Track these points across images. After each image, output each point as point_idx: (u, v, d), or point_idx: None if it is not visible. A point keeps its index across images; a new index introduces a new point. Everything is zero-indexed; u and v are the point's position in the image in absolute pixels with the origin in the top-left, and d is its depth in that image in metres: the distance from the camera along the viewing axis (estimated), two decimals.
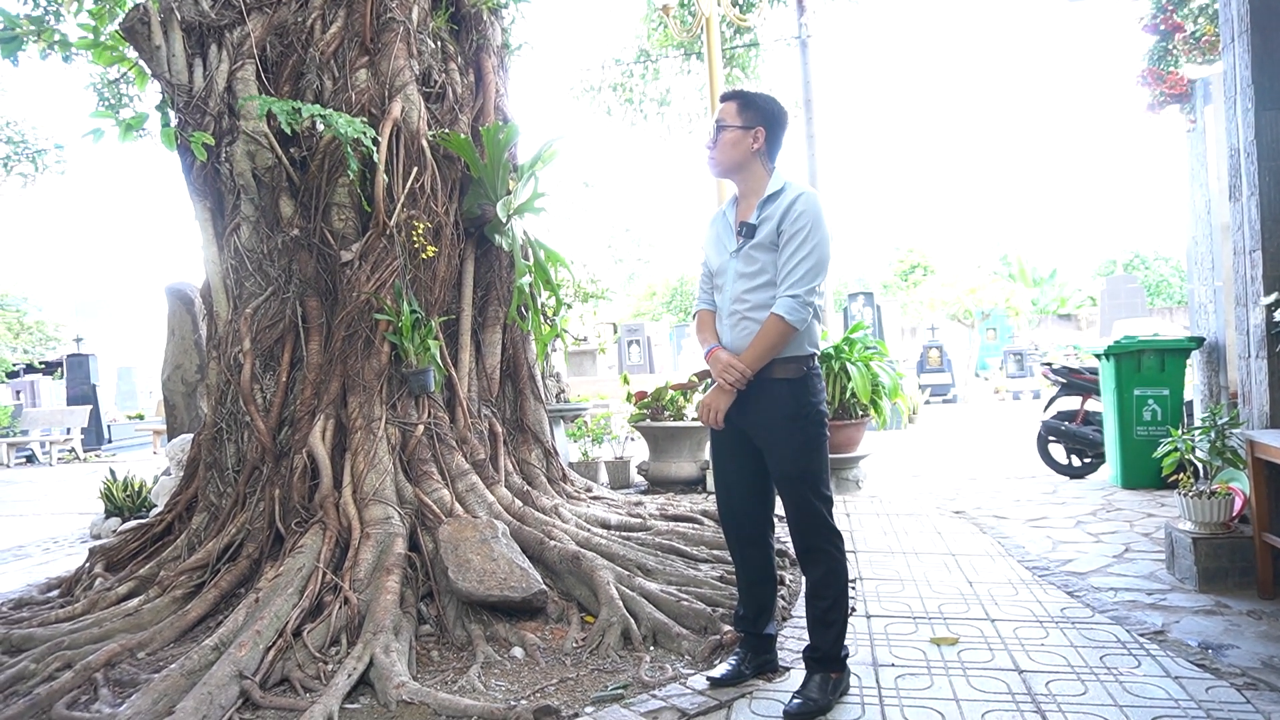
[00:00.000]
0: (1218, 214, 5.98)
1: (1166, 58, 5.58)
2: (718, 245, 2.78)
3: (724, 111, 2.68)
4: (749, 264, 2.65)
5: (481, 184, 4.75)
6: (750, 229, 2.64)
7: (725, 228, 2.78)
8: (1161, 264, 33.53)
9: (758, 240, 2.63)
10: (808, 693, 2.59)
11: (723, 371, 2.59)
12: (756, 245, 2.63)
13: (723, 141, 2.66)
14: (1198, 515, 3.78)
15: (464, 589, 3.39)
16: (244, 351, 4.23)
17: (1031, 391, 17.62)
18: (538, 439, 5.03)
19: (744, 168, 2.70)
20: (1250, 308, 3.80)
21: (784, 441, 2.62)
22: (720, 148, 2.67)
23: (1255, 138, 3.68)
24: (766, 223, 2.63)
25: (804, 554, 2.68)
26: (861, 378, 6.27)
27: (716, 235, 2.81)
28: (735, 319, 2.68)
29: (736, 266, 2.68)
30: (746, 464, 2.77)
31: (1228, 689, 2.63)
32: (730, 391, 2.61)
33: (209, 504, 4.24)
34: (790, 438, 2.61)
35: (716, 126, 2.68)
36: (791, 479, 2.62)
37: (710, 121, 2.77)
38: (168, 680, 2.75)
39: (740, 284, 2.67)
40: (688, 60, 12.81)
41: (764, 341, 2.57)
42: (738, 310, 2.67)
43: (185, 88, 4.35)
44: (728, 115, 2.67)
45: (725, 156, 2.68)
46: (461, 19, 5.13)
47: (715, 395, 2.63)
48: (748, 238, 2.64)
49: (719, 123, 2.68)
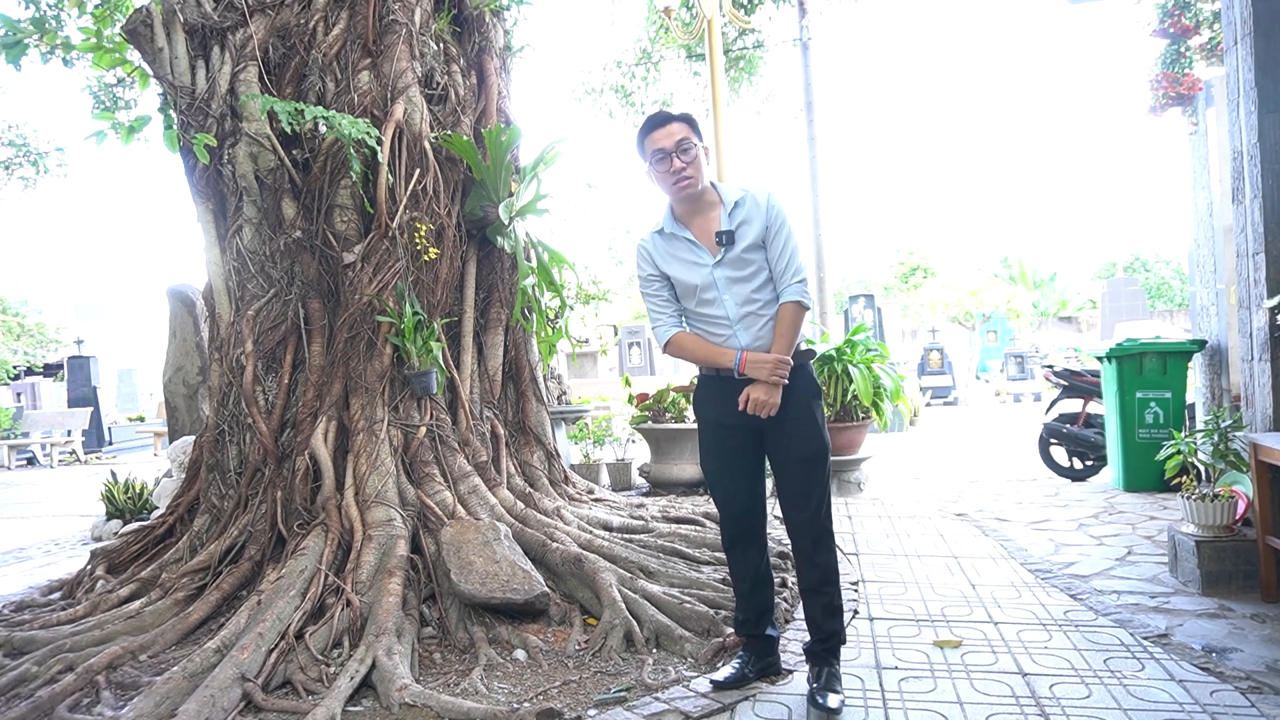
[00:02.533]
0: (1220, 216, 5.97)
1: (1180, 60, 5.59)
2: (687, 264, 2.78)
3: (681, 131, 2.72)
4: (742, 268, 2.73)
5: (484, 186, 4.75)
6: (729, 236, 2.72)
7: (686, 245, 2.79)
8: (1162, 266, 33.54)
9: (746, 244, 2.71)
10: (834, 685, 2.64)
11: (776, 368, 2.65)
12: (745, 249, 2.72)
13: (695, 158, 2.73)
14: (1201, 518, 3.77)
15: (466, 591, 3.39)
16: (246, 353, 4.23)
17: (1033, 394, 17.63)
18: (540, 441, 5.02)
19: (703, 182, 2.78)
20: (1253, 310, 3.79)
21: (809, 420, 2.73)
22: (695, 164, 2.73)
23: (1258, 140, 3.67)
24: (745, 226, 2.73)
25: (816, 541, 2.73)
26: (863, 380, 6.26)
27: (678, 255, 2.81)
28: (750, 320, 2.74)
29: (726, 274, 2.74)
30: (748, 462, 2.83)
31: (1232, 692, 2.62)
32: (780, 384, 2.68)
33: (211, 506, 4.24)
34: (813, 415, 2.75)
35: (680, 148, 2.71)
36: (814, 458, 2.72)
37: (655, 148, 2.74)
38: (170, 683, 2.74)
39: (741, 288, 2.73)
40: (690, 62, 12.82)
41: (793, 330, 2.70)
42: (751, 311, 2.74)
43: (188, 89, 4.35)
44: (687, 134, 2.73)
45: (699, 171, 2.75)
46: (464, 21, 5.14)
47: (768, 391, 2.66)
48: (729, 245, 2.72)
49: (682, 142, 2.71)
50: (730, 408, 2.73)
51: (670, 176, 2.72)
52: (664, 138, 2.71)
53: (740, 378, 2.71)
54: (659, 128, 2.74)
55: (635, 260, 2.91)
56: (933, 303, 29.60)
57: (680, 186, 2.73)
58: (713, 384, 2.82)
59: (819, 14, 13.35)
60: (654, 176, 2.80)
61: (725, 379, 2.76)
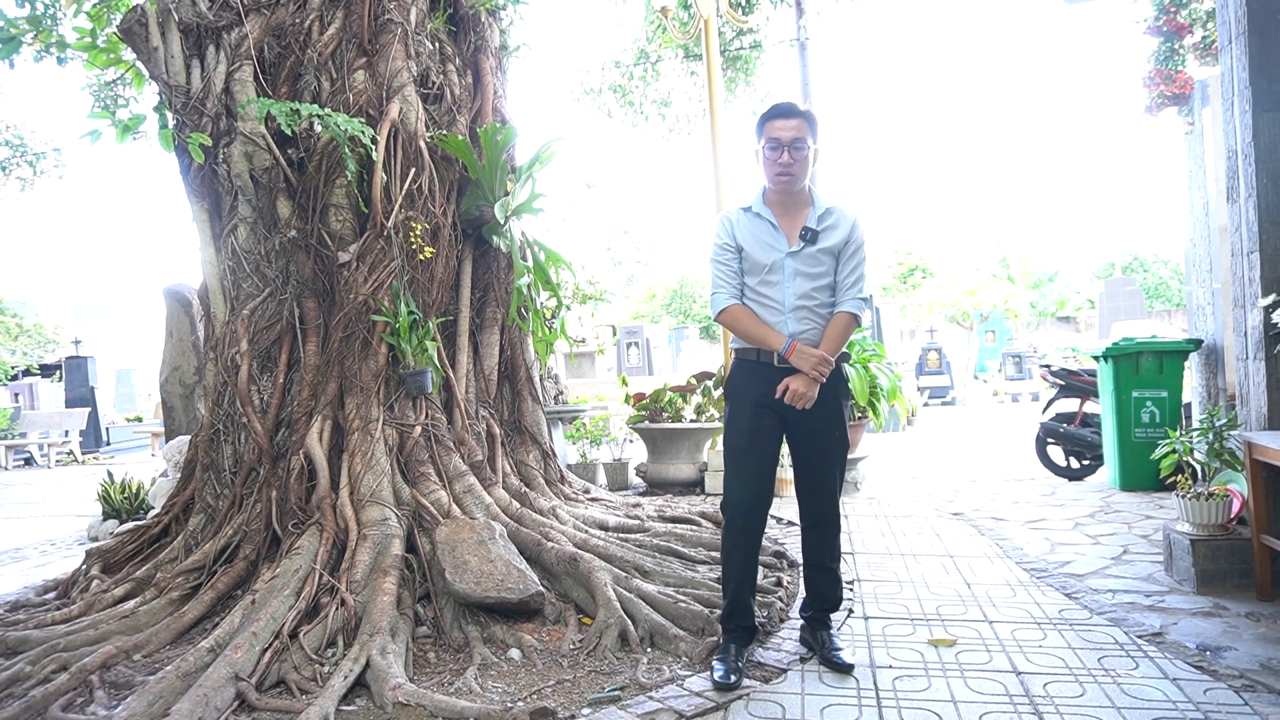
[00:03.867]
0: (1216, 216, 5.98)
1: (1173, 58, 5.59)
2: (763, 244, 2.94)
3: (799, 130, 2.88)
4: (814, 265, 2.92)
5: (479, 185, 4.75)
6: (813, 234, 2.91)
7: (767, 228, 2.95)
8: (1160, 266, 33.55)
9: (824, 246, 2.91)
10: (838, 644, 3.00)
11: (819, 364, 2.82)
12: (823, 250, 2.92)
13: (804, 159, 2.90)
14: (1196, 517, 3.77)
15: (461, 590, 3.39)
16: (241, 353, 4.23)
17: (1030, 393, 17.64)
18: (535, 440, 5.02)
19: (804, 181, 2.96)
20: (1248, 309, 3.79)
21: (839, 417, 2.99)
22: (801, 164, 2.89)
23: (1253, 139, 3.68)
24: (829, 232, 2.93)
25: (829, 519, 3.04)
26: (859, 379, 6.26)
27: (757, 234, 2.96)
28: (802, 313, 2.91)
29: (796, 265, 2.91)
30: (774, 446, 2.99)
31: (1225, 691, 2.63)
32: (820, 381, 2.85)
33: (206, 506, 4.23)
34: (843, 411, 3.02)
35: (794, 144, 2.86)
36: (841, 451, 3.02)
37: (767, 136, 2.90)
38: (163, 682, 2.74)
39: (803, 282, 2.91)
40: (688, 62, 12.81)
41: (844, 336, 2.92)
42: (805, 305, 2.91)
43: (183, 89, 4.35)
44: (804, 133, 2.88)
45: (804, 171, 2.92)
46: (459, 20, 5.13)
47: (808, 384, 2.84)
48: (810, 242, 2.90)
49: (798, 140, 2.86)
50: (768, 391, 2.89)
51: (777, 166, 2.88)
52: (783, 129, 2.87)
53: (779, 366, 2.87)
54: (782, 118, 2.89)
55: (715, 229, 3.05)
56: (931, 303, 29.62)
57: (782, 179, 2.90)
58: (750, 369, 2.97)
59: (817, 14, 13.33)
60: (761, 158, 2.96)
61: (764, 365, 2.92)
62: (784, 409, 2.90)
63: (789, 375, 2.86)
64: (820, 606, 3.08)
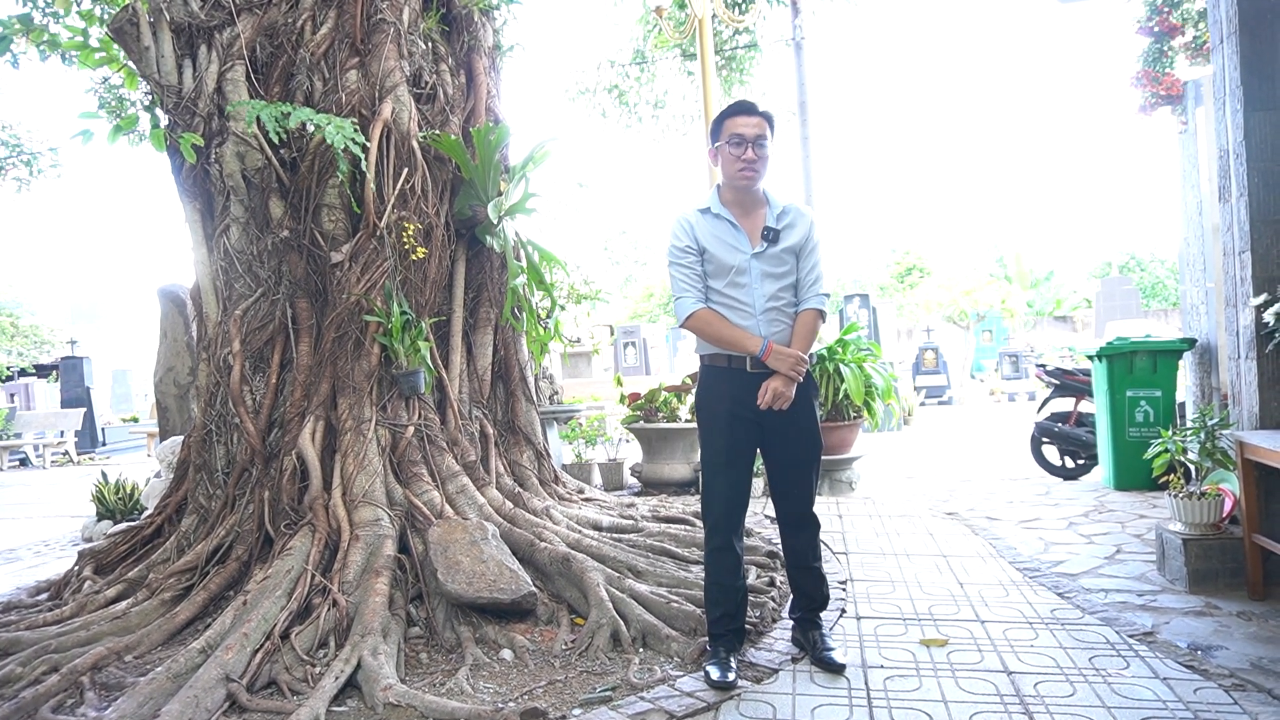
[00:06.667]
0: (1209, 215, 5.99)
1: (1162, 59, 5.60)
2: (726, 245, 2.92)
3: (761, 127, 2.89)
4: (778, 265, 2.92)
5: (473, 185, 4.75)
6: (775, 234, 2.91)
7: (728, 229, 2.93)
8: (1157, 266, 33.58)
9: (786, 245, 2.92)
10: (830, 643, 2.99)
11: (797, 364, 2.84)
12: (785, 249, 2.92)
13: (766, 156, 2.90)
14: (1188, 516, 3.78)
15: (453, 591, 3.38)
16: (233, 353, 4.22)
17: (1027, 393, 17.63)
18: (529, 440, 5.02)
19: (761, 181, 2.96)
20: (1239, 309, 3.80)
21: (812, 417, 2.99)
22: (763, 161, 2.90)
23: (1244, 139, 3.68)
24: (789, 231, 2.94)
25: (809, 519, 3.04)
26: (854, 379, 6.26)
27: (719, 235, 2.93)
28: (772, 314, 2.91)
29: (762, 267, 2.91)
30: (751, 455, 3.00)
31: (1215, 690, 2.63)
32: (797, 379, 2.86)
33: (198, 506, 4.23)
34: (815, 412, 3.03)
35: (758, 141, 2.87)
36: (815, 449, 3.01)
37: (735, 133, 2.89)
38: (154, 683, 2.74)
39: (770, 283, 2.91)
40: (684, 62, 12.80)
41: (812, 333, 2.94)
42: (774, 306, 2.91)
43: (174, 89, 4.34)
44: (766, 131, 2.90)
45: (765, 168, 2.92)
46: (453, 20, 5.13)
47: (787, 384, 2.84)
48: (773, 242, 2.90)
49: (760, 138, 2.87)
50: (743, 400, 2.87)
51: (740, 163, 2.87)
52: (748, 126, 2.87)
53: (753, 371, 2.85)
54: (746, 115, 2.90)
55: (671, 232, 3.01)
56: (928, 302, 29.60)
57: (745, 175, 2.89)
58: (722, 375, 2.93)
59: (812, 14, 13.35)
60: (720, 156, 2.94)
61: (736, 371, 2.89)
62: (760, 415, 2.89)
63: (763, 379, 2.84)
64: (808, 606, 3.09)
